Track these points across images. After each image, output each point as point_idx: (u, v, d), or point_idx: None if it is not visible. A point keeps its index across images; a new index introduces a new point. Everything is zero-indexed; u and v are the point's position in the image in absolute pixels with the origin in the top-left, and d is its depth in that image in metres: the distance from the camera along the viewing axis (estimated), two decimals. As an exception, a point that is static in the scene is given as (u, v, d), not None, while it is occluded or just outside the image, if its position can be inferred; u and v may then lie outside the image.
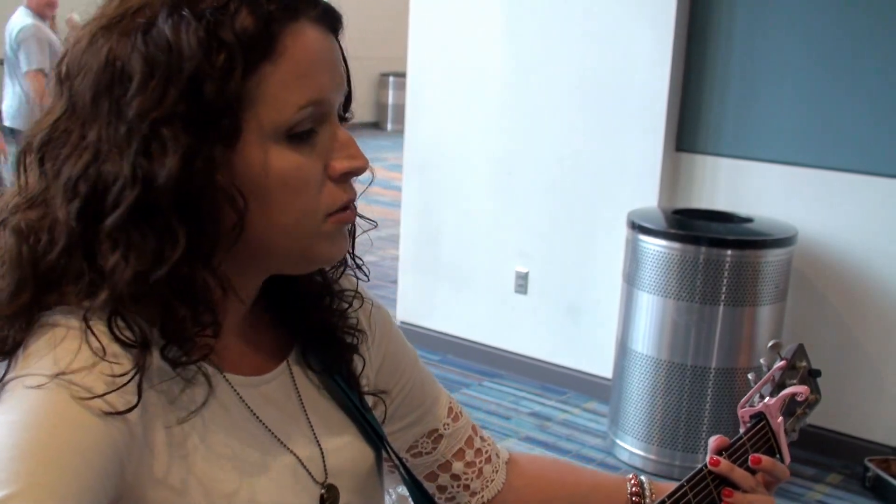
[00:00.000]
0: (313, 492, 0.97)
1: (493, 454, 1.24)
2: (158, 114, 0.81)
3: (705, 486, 1.16)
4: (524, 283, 4.73)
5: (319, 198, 0.89)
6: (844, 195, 3.88)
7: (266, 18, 0.84)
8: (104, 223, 0.81)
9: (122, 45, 0.82)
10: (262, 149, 0.85)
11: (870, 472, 3.71)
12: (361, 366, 1.08)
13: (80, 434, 0.75)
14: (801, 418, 1.32)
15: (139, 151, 0.81)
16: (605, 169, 4.38)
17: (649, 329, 3.78)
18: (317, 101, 0.87)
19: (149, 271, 0.81)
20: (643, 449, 3.87)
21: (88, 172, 0.82)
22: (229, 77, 0.82)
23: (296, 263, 0.93)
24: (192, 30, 0.81)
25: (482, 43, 4.70)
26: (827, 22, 3.83)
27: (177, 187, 0.81)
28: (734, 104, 4.10)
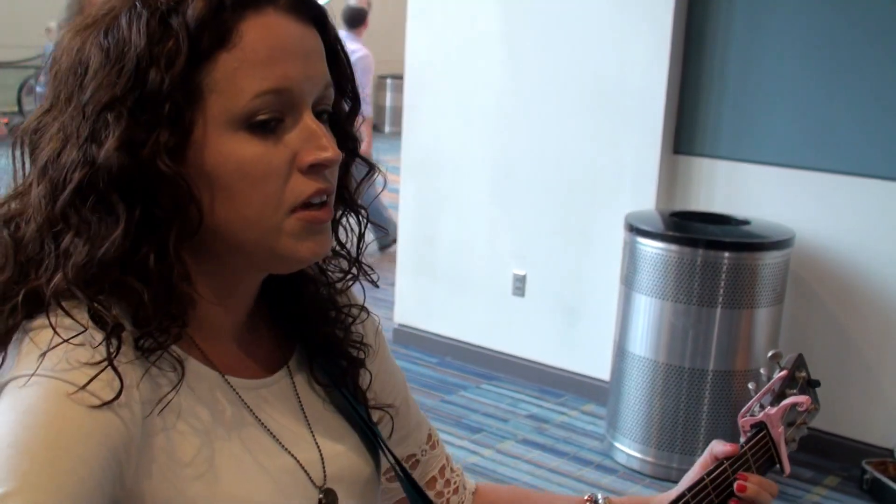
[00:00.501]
0: (312, 495, 0.97)
1: (461, 485, 1.25)
2: (105, 99, 0.83)
3: (707, 495, 1.17)
4: (522, 286, 4.73)
5: (284, 190, 0.88)
6: (842, 198, 3.88)
7: (218, 6, 0.84)
8: (55, 205, 0.84)
9: (88, 41, 0.86)
10: (220, 138, 0.86)
11: (867, 475, 3.72)
12: (368, 380, 1.09)
13: (75, 430, 0.76)
14: (801, 428, 1.33)
15: (88, 136, 0.84)
16: (602, 171, 4.38)
17: (647, 331, 3.78)
18: (278, 90, 0.86)
19: (97, 251, 0.83)
20: (641, 451, 3.87)
21: (56, 159, 0.85)
22: (173, 62, 0.83)
23: (268, 261, 0.92)
24: (143, 21, 0.84)
25: (479, 46, 4.70)
26: (824, 25, 3.83)
27: (119, 170, 0.83)
28: (731, 106, 4.10)
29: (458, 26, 4.78)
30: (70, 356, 0.79)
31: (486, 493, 1.28)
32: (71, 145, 0.84)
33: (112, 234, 0.83)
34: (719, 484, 1.18)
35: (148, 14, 0.84)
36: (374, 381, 1.11)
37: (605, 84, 4.31)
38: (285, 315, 1.05)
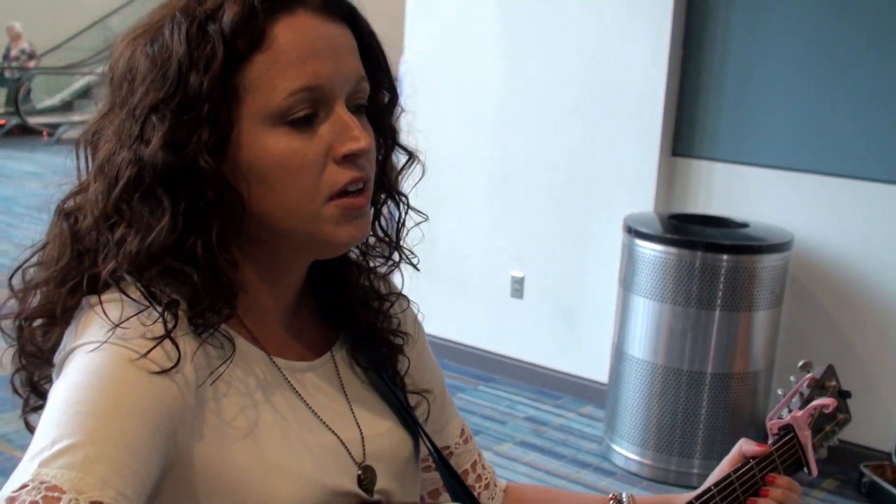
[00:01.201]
0: (351, 472, 1.02)
1: (492, 482, 1.29)
2: (151, 102, 0.91)
3: (733, 492, 1.18)
4: (520, 288, 4.73)
5: (321, 179, 0.94)
6: (840, 200, 3.88)
7: (251, 11, 0.91)
8: (108, 199, 0.92)
9: (138, 50, 0.94)
10: (259, 134, 0.92)
11: (865, 478, 3.71)
12: (406, 366, 1.15)
13: (136, 392, 0.84)
14: (830, 436, 1.36)
15: (137, 136, 0.91)
16: (601, 173, 4.38)
17: (645, 333, 3.78)
18: (311, 87, 0.92)
19: (148, 241, 0.90)
20: (638, 454, 3.87)
21: (111, 158, 0.93)
22: (210, 66, 0.90)
23: (310, 246, 0.99)
24: (183, 28, 0.91)
25: (478, 48, 4.70)
26: (823, 28, 3.83)
27: (164, 167, 0.90)
28: (730, 109, 4.10)
29: (456, 29, 4.78)
30: (132, 327, 0.87)
31: (515, 490, 1.32)
32: (123, 145, 0.92)
33: (159, 225, 0.90)
34: (745, 482, 1.20)
35: (187, 23, 0.91)
36: (411, 369, 1.16)
37: (604, 86, 4.31)
38: (330, 302, 1.11)
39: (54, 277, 0.95)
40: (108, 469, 0.76)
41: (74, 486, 0.74)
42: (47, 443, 0.77)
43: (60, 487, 0.73)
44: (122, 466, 0.78)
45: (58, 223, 0.97)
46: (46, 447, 0.77)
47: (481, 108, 4.73)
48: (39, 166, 11.35)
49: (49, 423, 0.80)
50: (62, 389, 0.83)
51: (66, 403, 0.81)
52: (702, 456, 3.77)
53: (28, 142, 13.27)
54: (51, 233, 0.98)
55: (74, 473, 0.75)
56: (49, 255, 0.97)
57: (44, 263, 0.98)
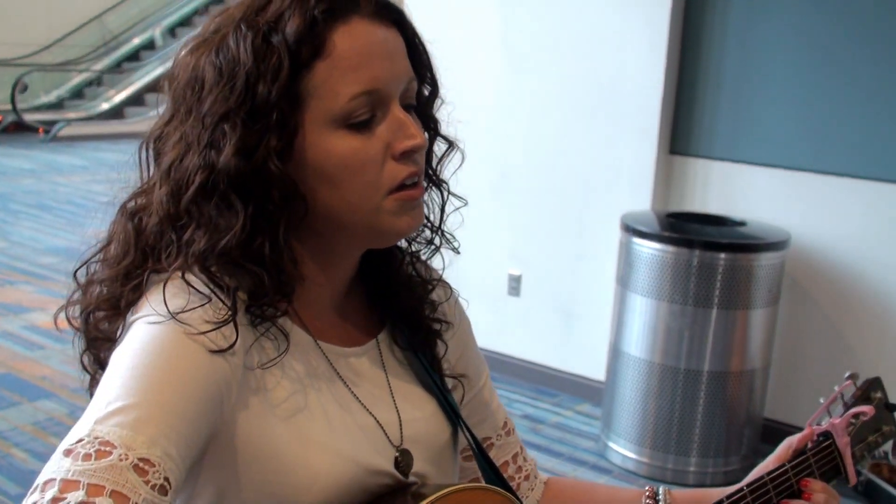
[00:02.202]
0: (388, 453, 1.07)
1: (533, 474, 1.33)
2: (221, 111, 0.96)
3: (765, 493, 1.18)
4: (517, 286, 4.73)
5: (381, 175, 1.00)
6: (837, 199, 3.89)
7: (311, 21, 0.96)
8: (181, 202, 0.97)
9: (202, 59, 0.99)
10: (322, 136, 0.98)
11: (861, 476, 3.72)
12: (444, 350, 1.20)
13: (189, 363, 0.90)
14: (873, 446, 1.35)
15: (207, 143, 0.96)
16: (598, 172, 4.38)
17: (642, 332, 3.78)
18: (369, 91, 0.98)
19: (217, 242, 0.95)
20: (635, 452, 3.87)
21: (179, 163, 0.98)
22: (278, 76, 0.95)
23: (369, 237, 1.04)
24: (248, 39, 0.96)
25: (476, 45, 4.70)
26: (820, 26, 3.83)
27: (235, 172, 0.95)
28: (728, 107, 4.11)
29: (455, 27, 4.77)
30: (192, 306, 0.93)
31: (556, 484, 1.36)
32: (192, 152, 0.97)
33: (232, 227, 0.95)
34: (779, 485, 1.19)
35: (252, 34, 0.96)
36: (453, 356, 1.22)
37: (602, 84, 4.31)
38: (378, 289, 1.16)
39: (120, 274, 1.00)
40: (156, 430, 0.83)
41: (125, 442, 0.81)
42: (104, 402, 0.84)
43: (112, 443, 0.81)
44: (170, 429, 0.84)
45: (122, 222, 1.03)
46: (102, 406, 0.84)
47: (479, 106, 4.73)
48: (35, 163, 11.33)
49: (107, 384, 0.87)
50: (121, 355, 0.90)
51: (124, 368, 0.88)
52: (698, 454, 3.77)
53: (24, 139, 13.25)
54: (114, 231, 1.04)
55: (126, 432, 0.82)
56: (113, 253, 1.03)
57: (107, 260, 1.03)
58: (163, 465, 0.82)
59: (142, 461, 0.81)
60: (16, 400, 4.28)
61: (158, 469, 0.82)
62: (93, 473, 0.78)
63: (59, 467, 0.79)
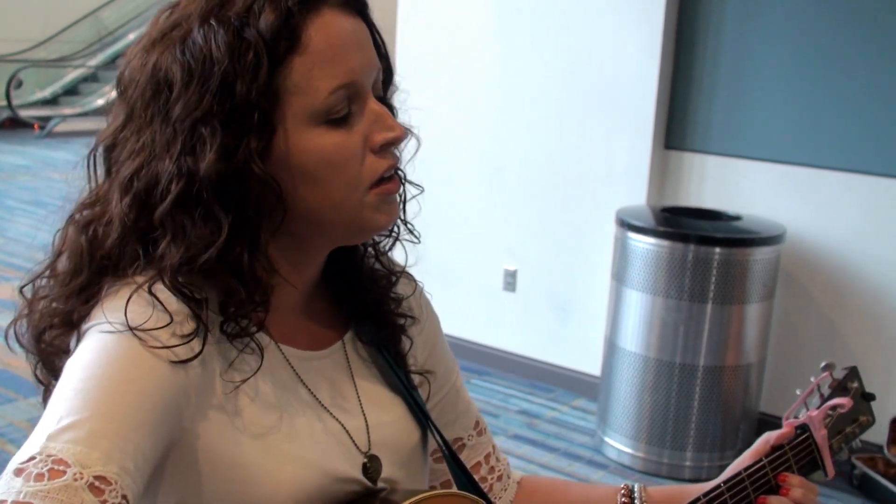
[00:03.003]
0: (356, 460, 1.04)
1: (506, 474, 1.30)
2: (197, 114, 0.90)
3: (743, 489, 1.17)
4: (513, 281, 4.73)
5: (362, 170, 0.97)
6: (832, 193, 3.89)
7: (286, 14, 0.91)
8: (154, 214, 0.91)
9: (164, 58, 0.92)
10: (301, 134, 0.94)
11: (857, 470, 3.72)
12: (409, 345, 1.16)
13: (145, 372, 0.86)
14: (851, 437, 1.33)
15: (182, 149, 0.91)
16: (593, 166, 4.38)
17: (637, 327, 3.78)
18: (347, 84, 0.95)
19: (195, 255, 0.91)
20: (631, 446, 3.88)
21: (142, 171, 0.92)
22: (257, 74, 0.90)
23: (348, 234, 1.02)
24: (220, 36, 0.90)
25: (471, 41, 4.69)
26: (815, 21, 3.84)
27: (217, 178, 0.90)
28: (723, 102, 4.11)
29: (450, 23, 4.77)
30: (155, 325, 0.88)
31: (529, 482, 1.33)
32: (161, 160, 0.91)
33: (215, 240, 0.91)
34: (756, 480, 1.18)
35: (223, 30, 0.91)
36: (421, 354, 1.19)
37: (597, 80, 4.31)
38: (343, 288, 1.12)
39: (73, 292, 0.95)
40: (112, 444, 0.80)
41: (79, 459, 0.77)
42: (56, 417, 0.80)
43: (66, 461, 0.77)
44: (126, 442, 0.81)
45: (73, 235, 0.97)
46: (55, 421, 0.80)
47: (474, 101, 4.73)
48: (30, 160, 11.31)
49: (59, 398, 0.83)
50: (73, 367, 0.86)
51: (76, 380, 0.84)
52: (694, 448, 3.78)
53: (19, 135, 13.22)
54: (64, 244, 0.98)
55: (80, 448, 0.78)
56: (64, 268, 0.97)
57: (58, 276, 0.98)
58: (120, 481, 0.78)
59: (98, 479, 0.77)
60: (11, 396, 4.27)
61: (115, 487, 0.78)
62: (46, 495, 0.74)
63: (9, 488, 0.75)
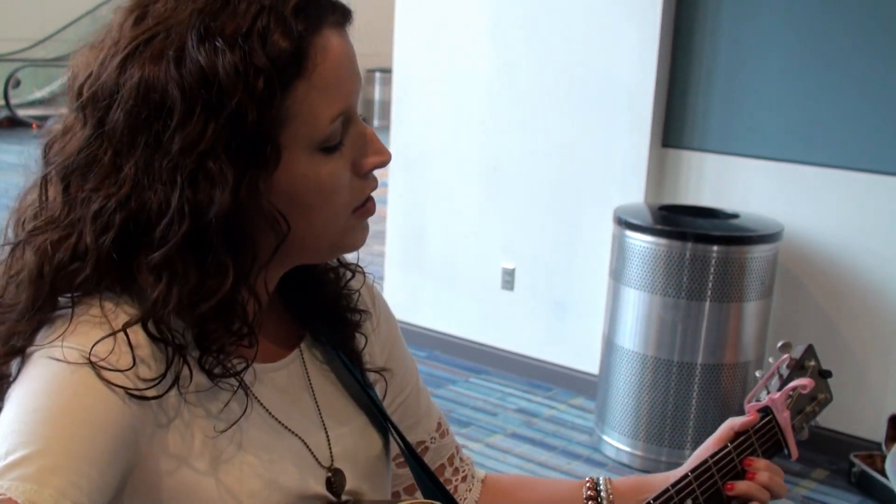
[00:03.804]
0: (319, 475, 0.99)
1: (470, 474, 1.27)
2: (203, 148, 0.82)
3: (710, 477, 1.17)
4: (511, 280, 4.73)
5: (349, 194, 0.92)
6: (830, 191, 3.89)
7: (298, 38, 0.84)
8: (150, 256, 0.83)
9: (155, 74, 0.82)
10: (299, 162, 0.87)
11: (855, 468, 3.73)
12: (363, 343, 1.10)
13: (100, 405, 0.79)
14: (811, 416, 1.33)
15: (186, 186, 0.82)
16: (591, 165, 4.38)
17: (636, 325, 3.78)
18: (344, 111, 0.89)
19: (197, 302, 0.84)
20: (629, 445, 3.88)
21: (126, 205, 0.83)
22: (270, 103, 0.83)
23: (323, 255, 0.99)
24: (226, 58, 0.81)
25: (468, 39, 4.69)
26: (812, 18, 3.83)
27: (229, 217, 0.83)
28: (720, 100, 4.10)
29: (447, 20, 4.77)
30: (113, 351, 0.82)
31: (493, 480, 1.30)
32: (153, 193, 0.82)
33: (222, 286, 0.84)
34: (723, 467, 1.18)
35: (229, 50, 0.82)
36: (373, 349, 1.13)
37: (595, 77, 4.30)
38: (295, 292, 1.07)
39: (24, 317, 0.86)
40: (65, 481, 0.73)
41: (29, 498, 0.70)
42: (2, 452, 0.74)
43: (15, 500, 0.70)
44: (80, 477, 0.74)
45: (31, 261, 0.87)
46: (1, 456, 0.73)
47: (471, 100, 4.72)
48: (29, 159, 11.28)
49: (5, 431, 0.76)
50: (20, 396, 0.79)
51: (24, 411, 0.77)
52: (692, 446, 3.77)
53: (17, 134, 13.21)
54: (12, 269, 0.88)
55: (30, 486, 0.71)
56: (12, 297, 0.88)
57: (5, 305, 0.88)
58: None
59: None
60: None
61: None
62: None
63: None
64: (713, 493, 1.16)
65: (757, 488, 1.18)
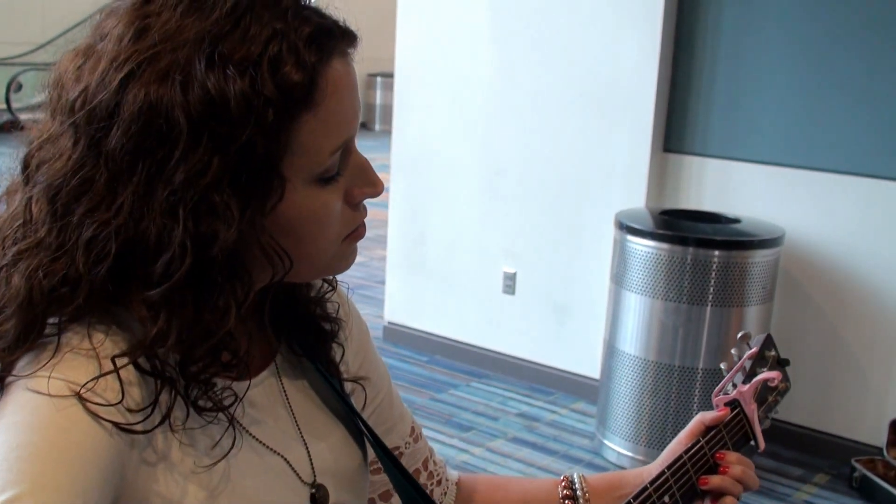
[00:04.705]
0: (303, 492, 0.98)
1: (444, 477, 1.26)
2: (209, 180, 0.78)
3: (685, 473, 1.18)
4: (512, 284, 4.73)
5: (341, 223, 0.90)
6: (832, 196, 3.89)
7: (311, 71, 0.81)
8: (149, 292, 0.80)
9: (160, 99, 0.78)
10: (298, 193, 0.85)
11: (856, 473, 3.72)
12: (340, 353, 1.09)
13: (87, 441, 0.76)
14: (773, 405, 1.35)
15: (189, 219, 0.78)
16: (592, 169, 4.38)
17: (637, 329, 3.78)
18: (346, 141, 0.87)
19: (194, 340, 0.81)
20: (630, 449, 3.87)
21: (122, 234, 0.79)
22: (277, 136, 0.80)
23: (308, 279, 0.99)
24: (237, 87, 0.78)
25: (469, 44, 4.69)
26: (814, 22, 3.84)
27: (233, 250, 0.81)
28: (721, 105, 4.11)
29: (448, 25, 4.77)
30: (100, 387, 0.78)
31: (468, 482, 1.29)
32: (152, 223, 0.79)
33: (224, 325, 0.82)
34: (697, 461, 1.19)
35: (238, 77, 0.78)
36: (348, 357, 1.11)
37: (596, 82, 4.31)
38: (268, 304, 1.03)
39: (10, 354, 0.81)
40: None
41: None
42: None
43: None
44: None
45: (25, 290, 0.81)
46: None
47: (473, 105, 4.72)
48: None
49: None
50: (2, 430, 0.75)
51: (8, 448, 0.73)
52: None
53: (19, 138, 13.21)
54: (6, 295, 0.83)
55: None
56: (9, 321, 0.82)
57: None
58: None
59: None
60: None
61: None
62: None
63: None
64: (688, 489, 1.17)
65: (730, 482, 1.18)
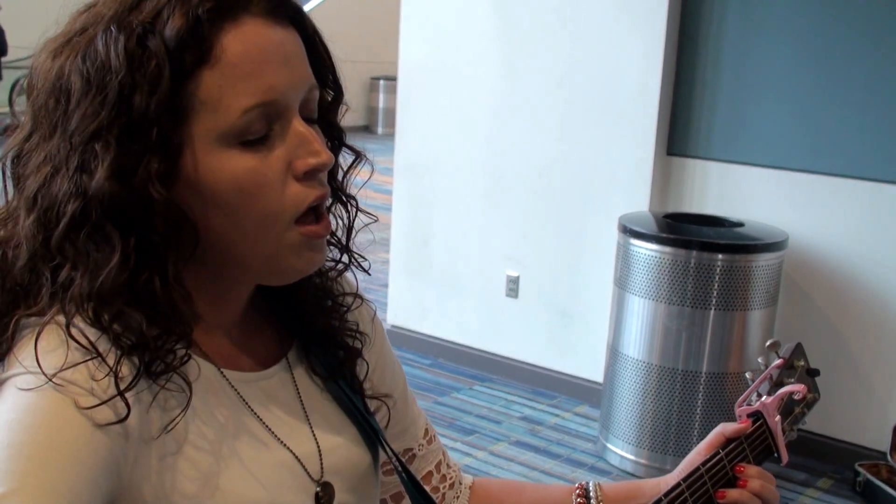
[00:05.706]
0: (309, 489, 0.97)
1: (457, 481, 1.25)
2: (92, 128, 0.82)
3: (702, 485, 1.15)
4: (515, 287, 4.72)
5: (283, 199, 0.87)
6: (835, 200, 3.89)
7: (195, 21, 0.82)
8: (51, 238, 0.83)
9: (67, 64, 0.84)
10: (211, 155, 0.84)
11: (860, 477, 3.72)
12: (365, 370, 1.08)
13: (75, 435, 0.76)
14: (800, 417, 1.31)
15: (78, 166, 0.82)
16: (595, 173, 4.38)
17: (640, 333, 3.78)
18: (265, 103, 0.85)
19: (96, 283, 0.81)
20: (634, 453, 3.87)
21: (44, 188, 0.83)
22: (157, 86, 0.81)
23: (265, 273, 0.93)
24: (119, 43, 0.82)
25: (473, 47, 4.69)
26: (817, 27, 3.83)
27: (111, 199, 0.81)
28: (725, 108, 4.10)
29: (452, 28, 4.77)
30: (75, 372, 0.79)
31: (482, 486, 1.28)
32: (61, 176, 0.83)
33: (109, 264, 0.82)
34: (715, 474, 1.17)
35: (125, 37, 0.82)
36: (370, 371, 1.10)
37: (599, 86, 4.31)
38: (283, 307, 1.04)
39: None
40: None
41: None
42: None
43: None
44: None
45: None
46: None
47: (476, 108, 4.73)
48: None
49: None
50: None
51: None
52: (697, 455, 3.76)
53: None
54: None
55: None
56: None
57: None
58: None
59: None
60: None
61: None
62: None
63: None
64: (705, 501, 1.15)
65: (749, 496, 1.16)
